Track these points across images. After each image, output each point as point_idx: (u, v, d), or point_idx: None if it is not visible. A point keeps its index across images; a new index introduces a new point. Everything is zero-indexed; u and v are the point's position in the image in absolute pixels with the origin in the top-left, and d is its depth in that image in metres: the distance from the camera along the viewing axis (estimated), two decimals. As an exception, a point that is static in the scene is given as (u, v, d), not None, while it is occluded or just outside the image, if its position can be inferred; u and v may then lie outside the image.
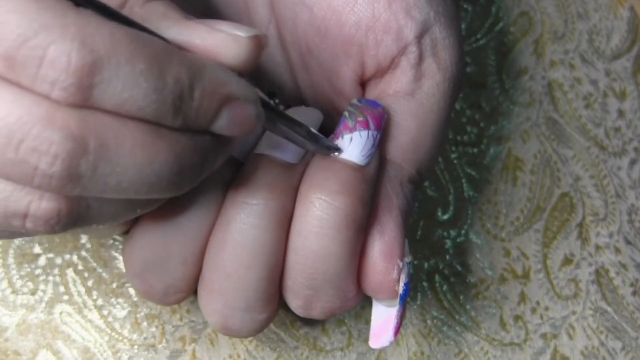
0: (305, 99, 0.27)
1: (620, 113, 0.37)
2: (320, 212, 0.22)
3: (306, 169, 0.23)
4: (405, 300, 0.23)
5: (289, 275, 0.23)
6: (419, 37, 0.24)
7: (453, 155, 0.34)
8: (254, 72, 0.27)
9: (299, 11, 0.25)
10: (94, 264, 0.30)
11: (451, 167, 0.34)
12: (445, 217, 0.34)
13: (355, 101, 0.24)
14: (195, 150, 0.19)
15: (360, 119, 0.23)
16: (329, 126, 0.25)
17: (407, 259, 0.23)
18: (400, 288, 0.23)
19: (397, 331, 0.24)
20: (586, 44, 0.38)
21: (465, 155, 0.35)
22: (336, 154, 0.23)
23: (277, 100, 0.27)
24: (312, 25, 0.25)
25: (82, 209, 0.19)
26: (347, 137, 0.23)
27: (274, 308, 0.24)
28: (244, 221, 0.22)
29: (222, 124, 0.19)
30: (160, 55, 0.17)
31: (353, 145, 0.23)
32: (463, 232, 0.34)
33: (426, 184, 0.34)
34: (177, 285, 0.24)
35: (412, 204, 0.25)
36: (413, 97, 0.24)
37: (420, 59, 0.24)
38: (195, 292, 0.24)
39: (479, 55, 0.36)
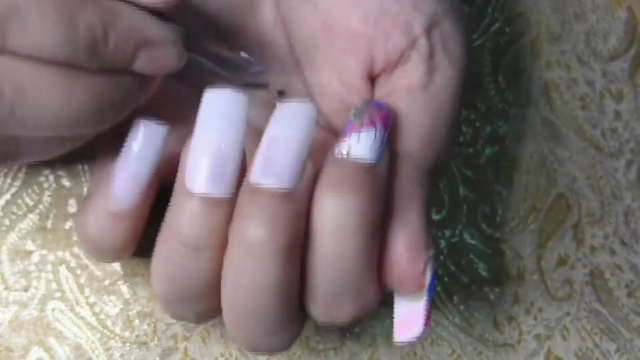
0: (314, 97, 0.27)
1: (617, 114, 0.37)
2: (335, 216, 0.21)
3: (309, 185, 0.22)
4: (433, 290, 0.23)
5: (308, 284, 0.23)
6: (428, 31, 0.24)
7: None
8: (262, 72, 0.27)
9: (303, 8, 0.25)
10: (87, 262, 0.30)
11: (446, 166, 0.34)
12: (440, 217, 0.34)
13: (360, 104, 0.23)
14: (114, 90, 0.20)
15: (366, 119, 0.23)
16: (339, 124, 0.25)
17: (431, 251, 0.23)
18: (427, 280, 0.23)
19: (427, 322, 0.23)
20: (583, 44, 0.37)
21: (460, 155, 0.34)
22: (344, 153, 0.22)
23: (285, 99, 0.27)
24: (318, 21, 0.25)
25: (10, 146, 0.21)
26: (354, 137, 0.22)
27: (300, 322, 0.24)
28: (250, 263, 0.21)
29: (141, 65, 0.21)
30: (71, 2, 0.18)
31: (361, 145, 0.22)
32: (457, 232, 0.34)
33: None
34: (205, 312, 0.24)
35: (430, 196, 0.25)
36: (426, 91, 0.24)
37: (431, 52, 0.24)
38: None
39: (475, 56, 0.36)
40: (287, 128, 0.22)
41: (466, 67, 0.25)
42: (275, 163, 0.21)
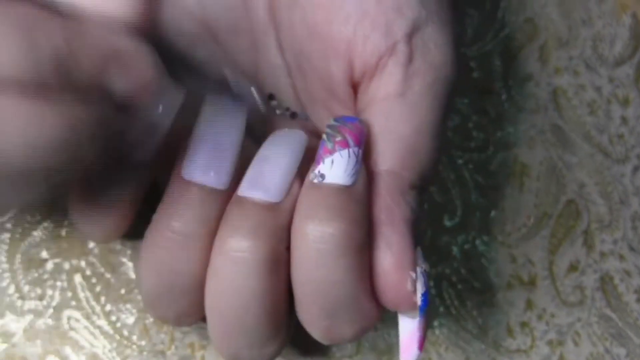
0: (303, 104, 0.27)
1: (623, 120, 0.37)
2: (316, 243, 0.21)
3: (295, 203, 0.23)
4: (426, 311, 0.23)
5: (302, 308, 0.23)
6: (409, 36, 0.24)
7: (460, 161, 0.34)
8: (253, 76, 0.27)
9: (293, 11, 0.25)
10: (102, 270, 0.29)
11: (458, 172, 0.34)
12: (452, 223, 0.34)
13: (332, 121, 0.23)
14: (89, 113, 0.18)
15: (338, 139, 0.23)
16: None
17: (422, 268, 0.23)
18: (419, 299, 0.22)
19: (421, 344, 0.23)
20: (590, 50, 0.38)
21: (471, 161, 0.35)
22: (320, 180, 0.22)
23: (275, 102, 0.27)
24: (304, 25, 0.24)
25: None
26: (328, 160, 0.22)
27: (282, 339, 0.24)
28: (232, 271, 0.22)
29: (116, 86, 0.19)
30: (26, 18, 0.17)
31: (335, 168, 0.22)
32: (470, 238, 0.34)
33: (433, 189, 0.34)
34: (186, 312, 0.24)
35: (419, 210, 0.24)
36: (404, 98, 0.24)
37: (410, 58, 0.24)
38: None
39: (485, 61, 0.36)
40: (277, 148, 0.23)
41: (450, 73, 0.24)
42: (263, 178, 0.23)
